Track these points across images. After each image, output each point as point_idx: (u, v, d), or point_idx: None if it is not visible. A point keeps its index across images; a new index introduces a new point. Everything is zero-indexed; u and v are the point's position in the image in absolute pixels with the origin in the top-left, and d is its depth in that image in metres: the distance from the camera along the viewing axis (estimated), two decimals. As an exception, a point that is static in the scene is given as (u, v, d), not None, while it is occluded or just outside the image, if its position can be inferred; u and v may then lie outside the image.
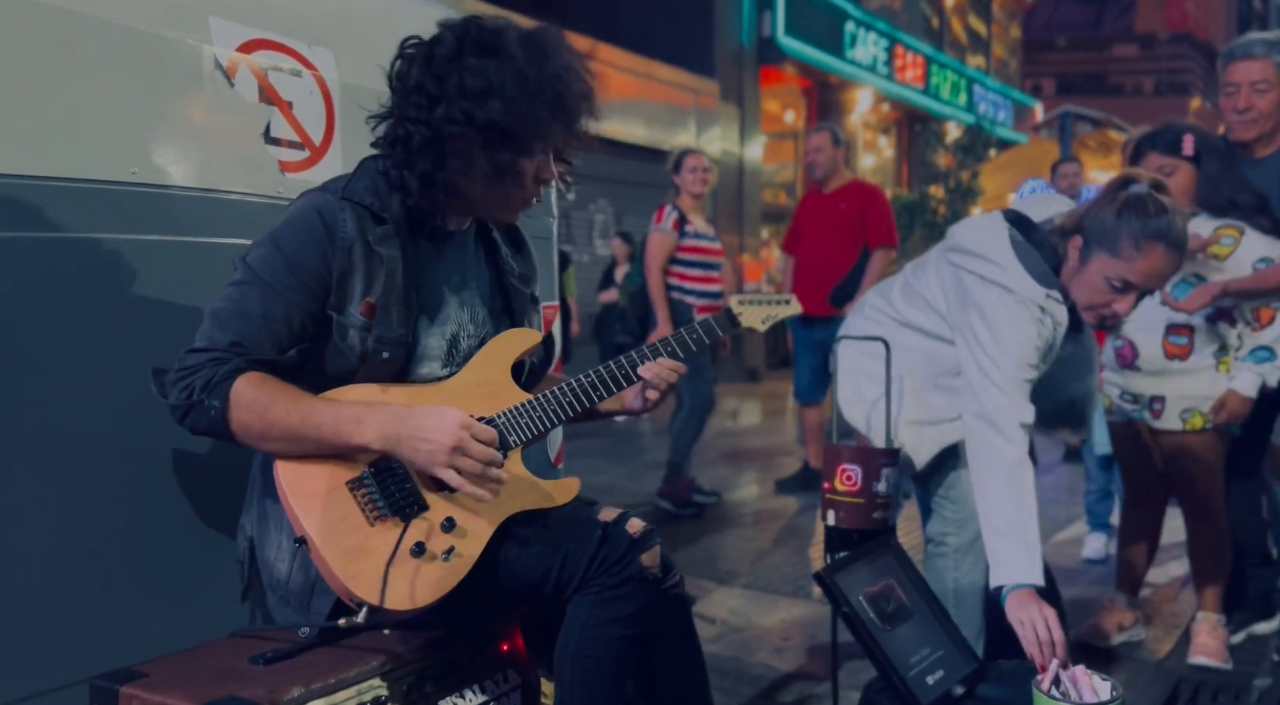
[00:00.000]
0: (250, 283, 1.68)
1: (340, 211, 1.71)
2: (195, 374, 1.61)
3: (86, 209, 1.85)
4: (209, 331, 1.65)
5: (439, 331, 1.82)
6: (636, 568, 1.71)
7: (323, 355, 1.74)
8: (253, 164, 2.12)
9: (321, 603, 1.71)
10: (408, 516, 1.66)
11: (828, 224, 5.48)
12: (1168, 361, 3.08)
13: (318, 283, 1.69)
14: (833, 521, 2.42)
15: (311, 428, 1.61)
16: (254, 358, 1.64)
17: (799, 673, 3.09)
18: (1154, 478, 3.30)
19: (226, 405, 1.59)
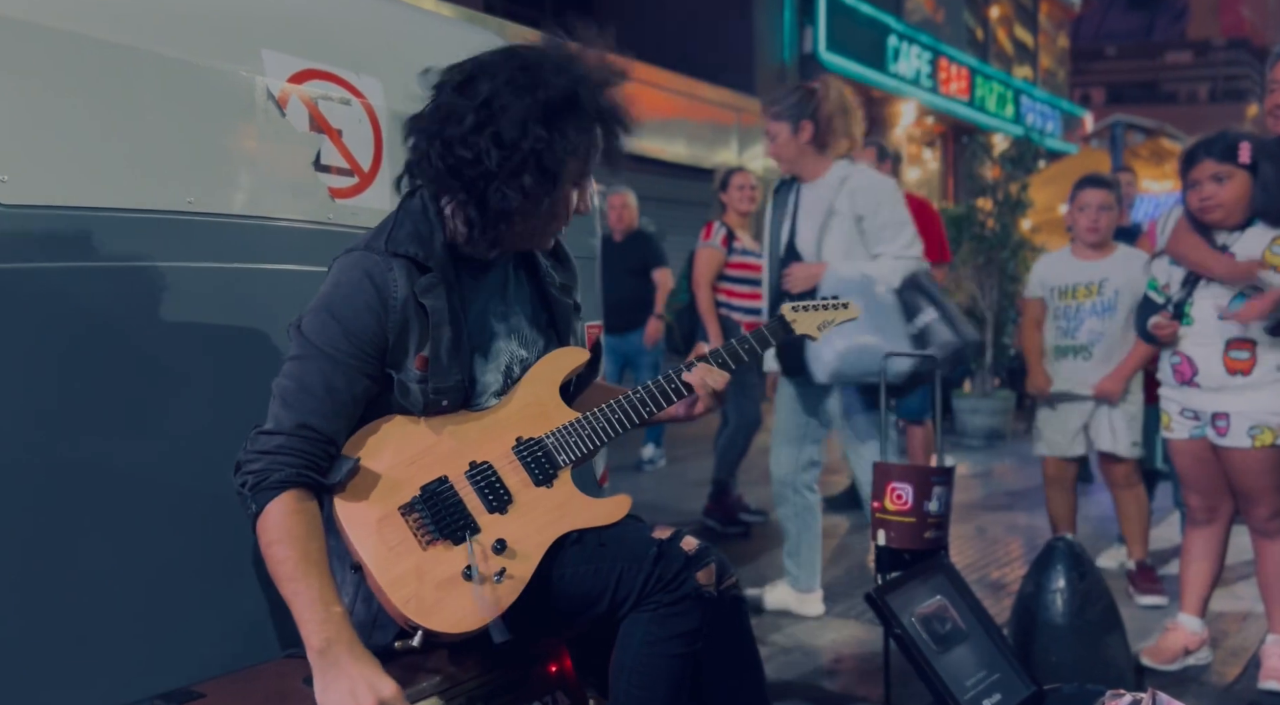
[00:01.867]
0: (309, 357, 1.68)
1: (389, 271, 1.72)
2: (256, 461, 1.62)
3: (146, 238, 1.90)
4: (276, 412, 1.67)
5: (493, 366, 1.84)
6: (692, 585, 1.71)
7: (383, 406, 1.76)
8: (304, 191, 2.16)
9: (382, 636, 1.72)
10: (460, 539, 1.68)
11: None
12: (1229, 377, 3.01)
13: (375, 347, 1.71)
14: (883, 541, 2.40)
15: (289, 590, 1.58)
16: (314, 462, 1.64)
17: (851, 695, 3.05)
18: (1219, 495, 3.21)
19: (258, 514, 1.61)
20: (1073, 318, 4.01)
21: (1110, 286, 3.94)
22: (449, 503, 1.70)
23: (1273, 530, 3.10)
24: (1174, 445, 3.26)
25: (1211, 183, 3.03)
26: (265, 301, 2.08)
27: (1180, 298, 3.17)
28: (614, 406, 1.85)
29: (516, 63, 1.71)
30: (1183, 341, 3.15)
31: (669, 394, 1.89)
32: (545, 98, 1.67)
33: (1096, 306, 3.96)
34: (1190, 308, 3.13)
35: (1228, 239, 3.07)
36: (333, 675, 1.52)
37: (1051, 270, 4.13)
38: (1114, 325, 3.95)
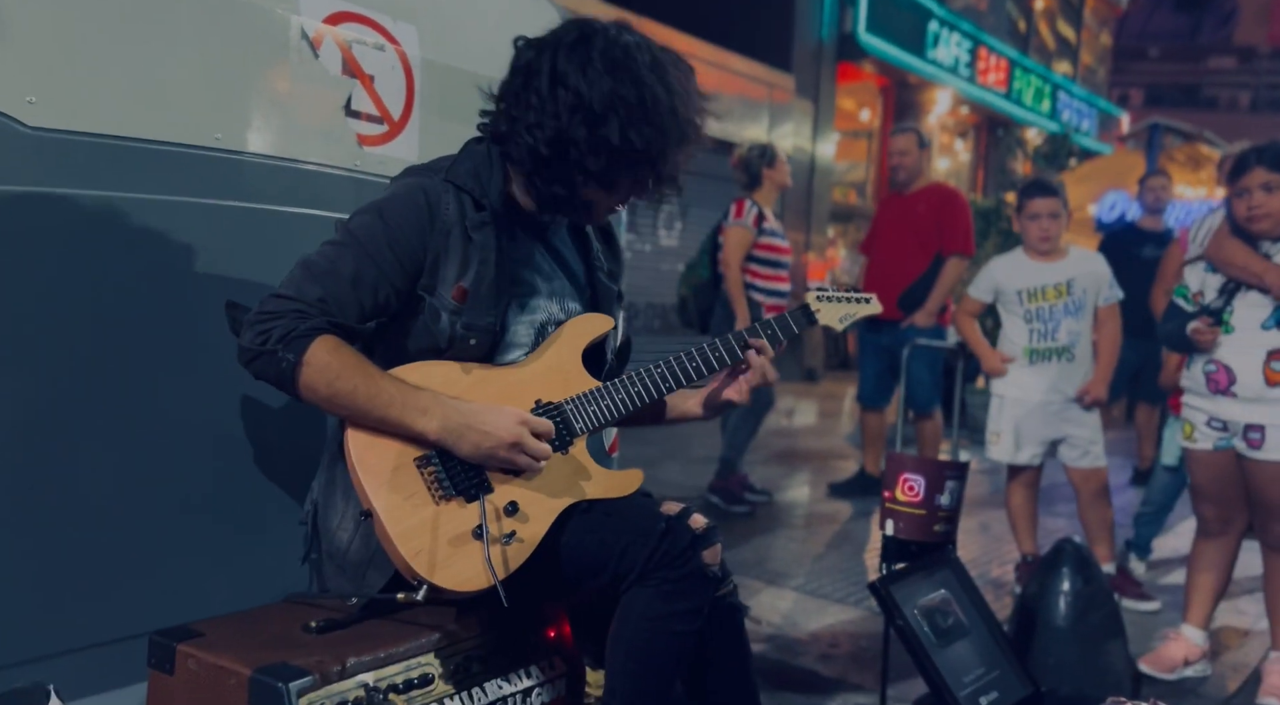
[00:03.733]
0: (348, 245, 1.69)
1: (444, 195, 1.74)
2: (275, 321, 1.62)
3: (170, 171, 1.88)
4: (299, 281, 1.66)
5: (528, 320, 1.83)
6: (697, 563, 1.69)
7: (407, 331, 1.75)
8: (332, 136, 2.13)
9: (376, 577, 1.72)
10: (472, 497, 1.66)
11: (904, 227, 5.35)
12: (1269, 388, 2.95)
13: (413, 261, 1.71)
14: (891, 531, 2.37)
15: (377, 407, 1.62)
16: (335, 320, 1.65)
17: (845, 681, 3.03)
18: (1236, 508, 3.16)
19: (300, 363, 1.60)
20: (1048, 319, 3.93)
21: (1079, 286, 3.90)
22: (464, 461, 1.68)
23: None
24: (1195, 455, 3.21)
25: (1261, 191, 2.96)
26: (286, 245, 2.05)
27: (1218, 305, 3.10)
28: (634, 377, 1.83)
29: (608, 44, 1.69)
30: (1220, 349, 3.08)
31: (690, 372, 1.85)
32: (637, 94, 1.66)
33: (1069, 306, 3.91)
34: (1230, 316, 3.06)
35: (1271, 249, 3.01)
36: (466, 440, 1.63)
37: (1011, 274, 4.02)
38: (1084, 325, 3.92)
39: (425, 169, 1.79)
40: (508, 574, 1.64)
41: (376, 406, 1.62)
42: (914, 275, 5.25)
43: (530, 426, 1.66)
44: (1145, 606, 3.93)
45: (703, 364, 1.87)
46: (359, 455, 1.65)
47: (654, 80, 1.67)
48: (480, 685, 1.70)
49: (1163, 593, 4.21)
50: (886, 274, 5.33)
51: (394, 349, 1.75)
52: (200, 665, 1.50)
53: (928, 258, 5.26)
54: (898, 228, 5.39)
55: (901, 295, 5.22)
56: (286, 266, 2.05)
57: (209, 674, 1.49)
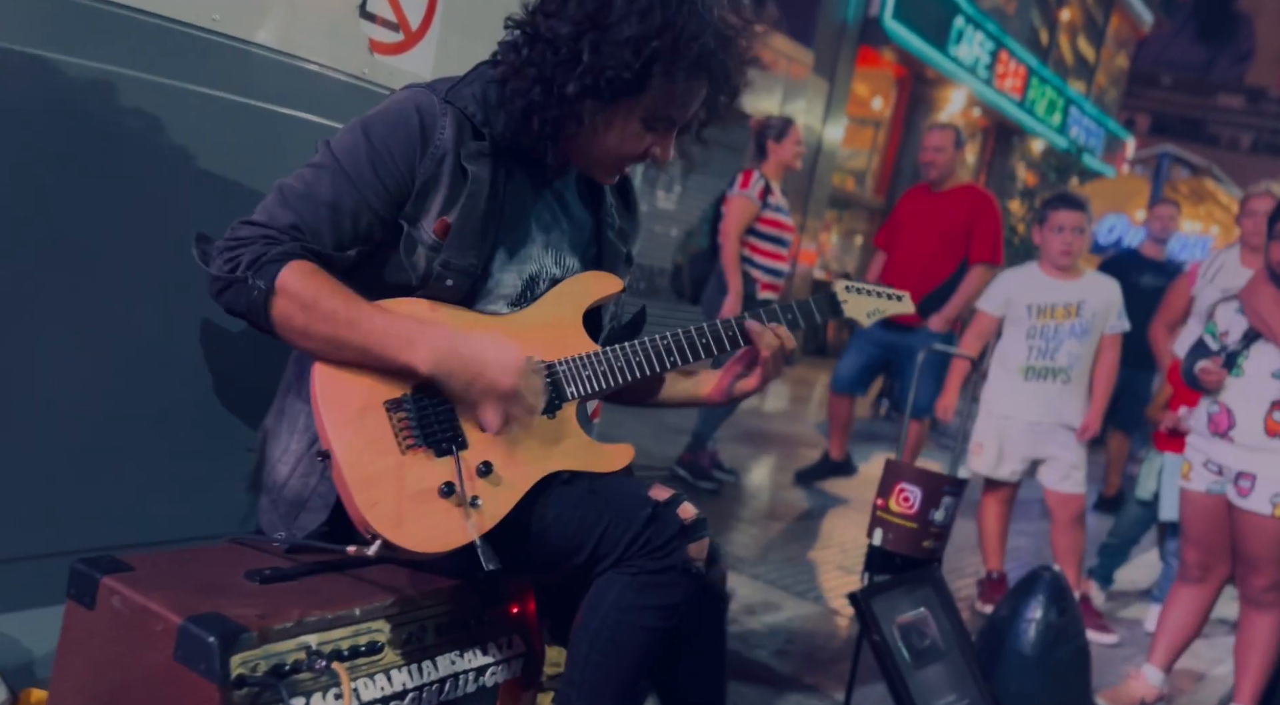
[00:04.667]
0: (327, 167, 1.52)
1: (441, 116, 1.55)
2: (245, 247, 1.45)
3: (158, 48, 1.69)
4: (271, 207, 1.50)
5: (516, 269, 1.66)
6: (681, 556, 1.54)
7: (383, 263, 1.58)
8: (342, 37, 1.94)
9: (310, 519, 1.58)
10: (444, 451, 1.50)
11: (932, 228, 5.12)
12: (1268, 439, 2.85)
13: (397, 186, 1.54)
14: (879, 541, 2.25)
15: (358, 335, 1.45)
16: (309, 246, 1.48)
17: (800, 681, 2.93)
18: (1219, 556, 3.08)
19: (271, 290, 1.43)
20: (1051, 338, 3.83)
21: (1088, 309, 3.80)
22: (440, 409, 1.52)
23: (1266, 602, 2.98)
24: (1188, 496, 3.12)
25: None
26: (275, 148, 1.88)
27: (1236, 348, 3.00)
28: (637, 347, 1.66)
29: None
30: (1226, 392, 2.98)
31: (696, 348, 1.69)
32: (663, 19, 1.48)
33: (1075, 328, 3.80)
34: (1244, 360, 2.96)
35: None
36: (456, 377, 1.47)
37: (1027, 290, 3.90)
38: (1088, 349, 3.82)
39: (425, 86, 1.60)
40: (468, 541, 1.48)
41: (357, 334, 1.45)
42: (939, 279, 5.04)
43: (531, 369, 1.51)
44: (1104, 639, 3.87)
45: (713, 342, 1.71)
46: (323, 389, 1.48)
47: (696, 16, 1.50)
48: (431, 658, 1.55)
49: (1120, 625, 4.16)
50: (908, 273, 5.08)
51: (366, 281, 1.56)
52: (125, 604, 1.34)
53: (954, 262, 5.06)
54: (925, 227, 5.16)
55: (924, 299, 4.96)
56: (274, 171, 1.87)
57: (133, 615, 1.33)
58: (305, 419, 1.60)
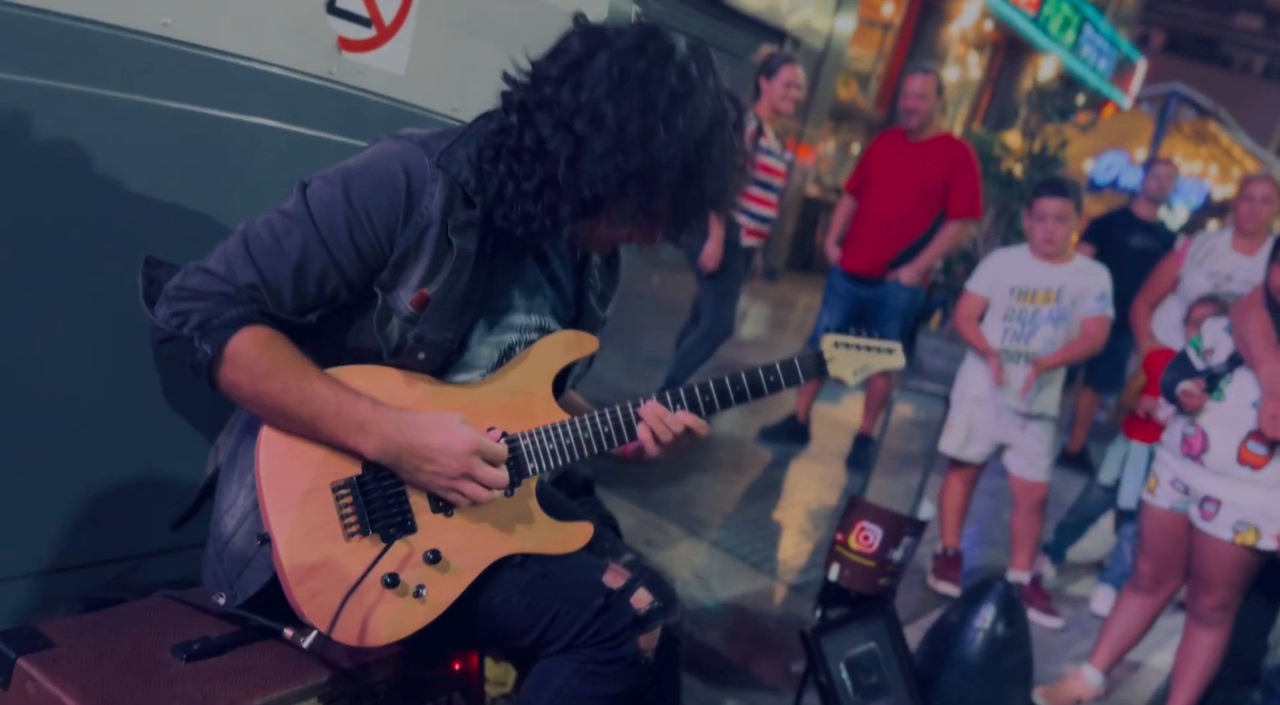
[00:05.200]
0: (299, 221, 1.41)
1: (431, 182, 1.43)
2: (196, 303, 1.36)
3: (104, 59, 1.54)
4: (232, 257, 1.39)
5: (494, 341, 1.56)
6: (631, 649, 1.51)
7: (348, 323, 1.49)
8: (307, 36, 1.78)
9: (252, 579, 1.49)
10: (390, 537, 1.44)
11: (908, 179, 4.91)
12: (1238, 466, 2.84)
13: (374, 253, 1.43)
14: (835, 577, 2.23)
15: (307, 413, 1.39)
16: (266, 310, 1.39)
17: (746, 670, 2.96)
18: (1172, 571, 3.12)
19: (219, 357, 1.35)
20: (1028, 322, 3.79)
21: (1067, 295, 3.75)
22: (391, 492, 1.45)
23: (1213, 621, 3.02)
24: (1150, 510, 3.12)
25: None
26: (235, 159, 1.75)
27: (1220, 371, 2.95)
28: (608, 418, 1.57)
29: (649, 67, 1.38)
30: (1204, 415, 2.94)
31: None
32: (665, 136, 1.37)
33: (1053, 313, 3.76)
34: (1226, 384, 2.91)
35: None
36: (404, 464, 1.42)
37: (1010, 269, 3.85)
38: (1064, 335, 3.78)
39: (419, 144, 1.46)
40: (410, 634, 1.43)
41: (307, 413, 1.38)
42: (914, 235, 4.88)
43: (484, 454, 1.44)
44: (1049, 622, 3.94)
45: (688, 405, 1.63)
46: (269, 469, 1.41)
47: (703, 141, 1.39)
48: (367, 728, 1.52)
49: (1066, 603, 4.24)
50: (882, 227, 4.95)
51: (328, 341, 1.48)
52: (39, 692, 1.29)
53: (931, 217, 4.88)
54: (902, 178, 4.95)
55: (898, 256, 4.89)
56: (232, 182, 1.76)
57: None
58: (254, 473, 1.52)
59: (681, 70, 1.38)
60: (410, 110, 1.98)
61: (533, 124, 1.39)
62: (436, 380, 1.52)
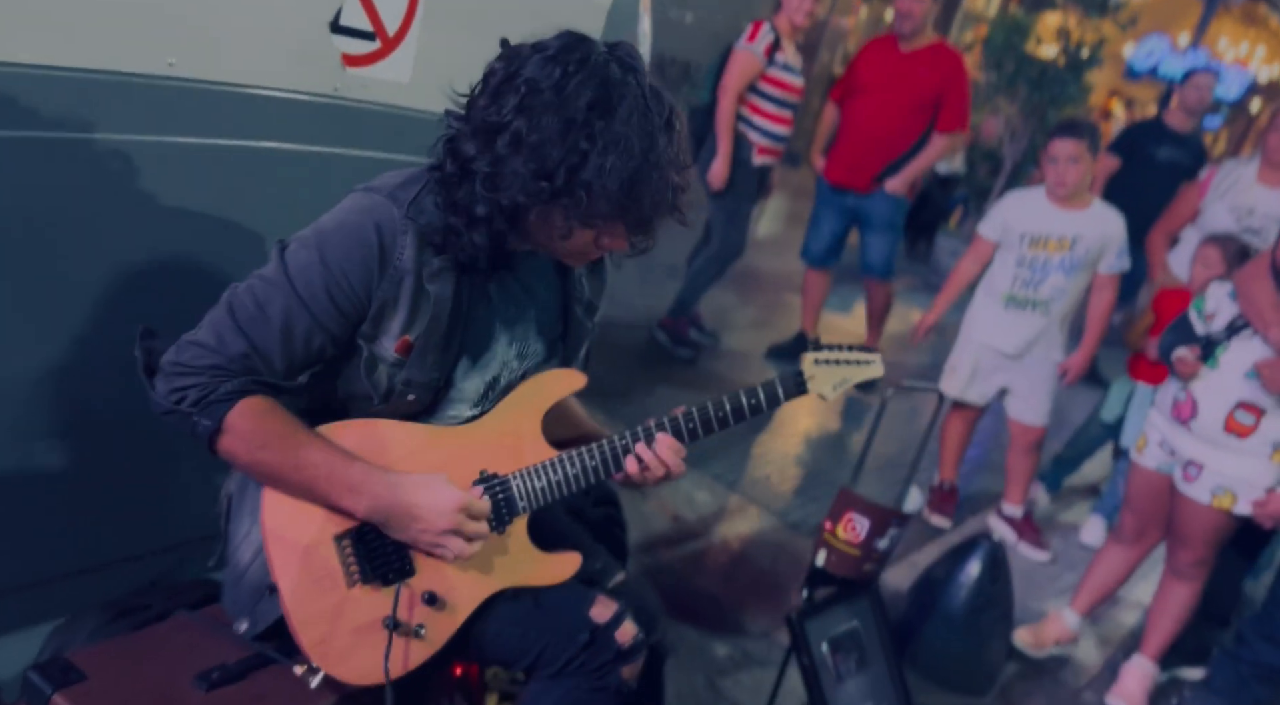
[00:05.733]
0: (280, 288, 1.45)
1: (402, 234, 1.46)
2: (192, 379, 1.42)
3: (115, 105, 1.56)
4: (221, 330, 1.44)
5: (479, 375, 1.62)
6: (614, 680, 1.63)
7: (337, 373, 1.55)
8: (311, 57, 1.77)
9: (268, 610, 1.58)
10: (390, 581, 1.54)
11: (898, 89, 4.74)
12: (1224, 435, 2.90)
13: (355, 308, 1.48)
14: (821, 563, 2.33)
15: (303, 480, 1.47)
16: (260, 378, 1.45)
17: (739, 617, 3.12)
18: (1154, 525, 3.22)
19: (219, 430, 1.42)
20: (1039, 269, 3.76)
21: (1083, 244, 3.70)
22: (390, 539, 1.54)
23: (1188, 575, 3.14)
24: (1137, 469, 3.21)
25: None
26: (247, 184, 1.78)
27: (1218, 338, 2.97)
28: (594, 453, 1.63)
29: (596, 82, 1.37)
30: (1196, 382, 2.99)
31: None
32: (612, 143, 1.37)
33: (1065, 262, 3.72)
34: (1222, 351, 2.94)
35: None
36: (394, 522, 1.49)
37: (1023, 215, 3.79)
38: (1076, 285, 3.76)
39: (387, 196, 1.48)
40: (407, 671, 1.55)
41: (302, 479, 1.47)
42: (902, 148, 4.77)
43: (468, 511, 1.51)
44: (1037, 555, 4.08)
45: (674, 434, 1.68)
46: (274, 524, 1.50)
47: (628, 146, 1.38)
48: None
49: (1056, 531, 4.38)
50: (869, 139, 4.83)
51: (321, 392, 1.55)
52: (75, 728, 1.42)
53: (919, 130, 4.75)
54: (891, 88, 4.77)
55: (885, 168, 4.80)
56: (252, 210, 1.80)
57: (83, 743, 1.41)
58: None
59: (600, 76, 1.37)
60: (417, 116, 1.98)
61: (459, 152, 1.42)
62: (428, 426, 1.58)
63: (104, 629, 1.71)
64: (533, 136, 1.36)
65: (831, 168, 4.98)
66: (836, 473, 4.32)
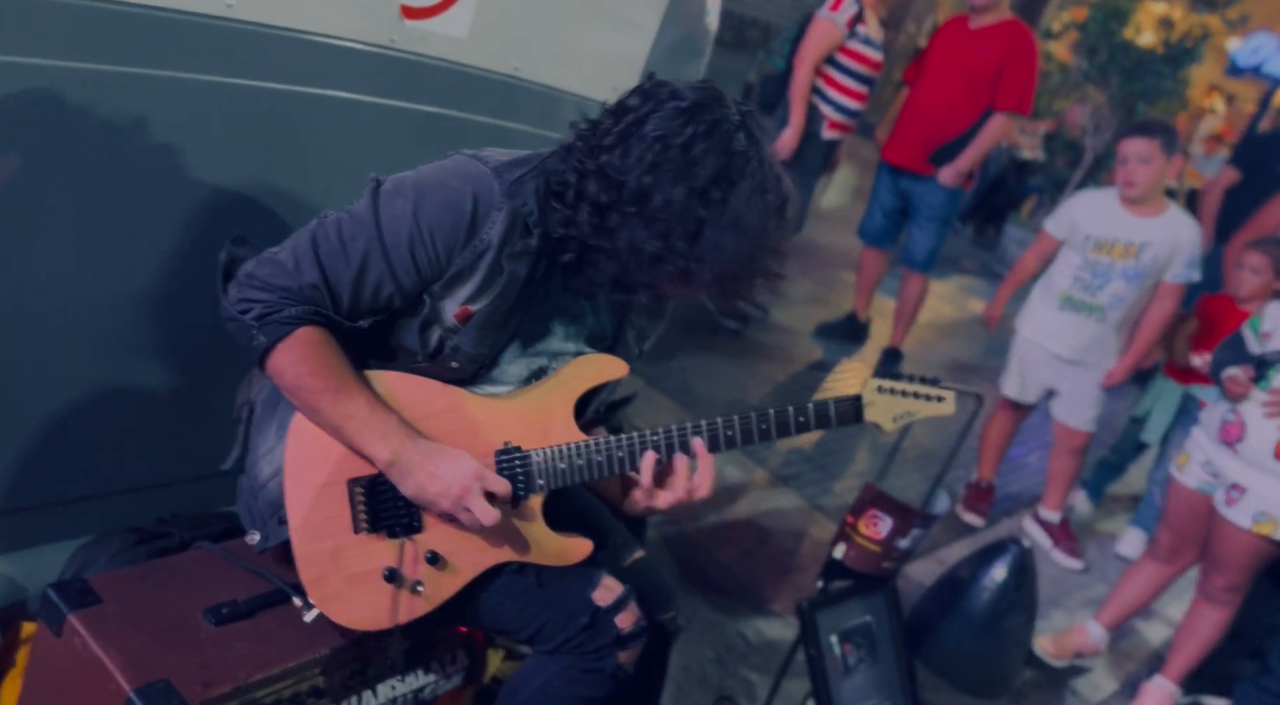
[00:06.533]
0: (366, 229, 1.47)
1: (496, 210, 1.48)
2: (262, 293, 1.46)
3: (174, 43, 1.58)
4: (300, 256, 1.46)
5: (526, 361, 1.62)
6: (610, 663, 1.64)
7: (393, 322, 1.56)
8: (368, 7, 1.76)
9: (280, 530, 1.60)
10: (396, 534, 1.56)
11: (958, 67, 4.58)
12: (1273, 460, 2.81)
13: (430, 269, 1.50)
14: (840, 556, 2.31)
15: (337, 415, 1.49)
16: (323, 311, 1.48)
17: (758, 593, 3.12)
18: (1191, 546, 3.15)
19: (273, 347, 1.46)
20: (1101, 275, 3.64)
21: (1149, 253, 3.56)
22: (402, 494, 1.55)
23: (1220, 600, 3.07)
24: (1176, 487, 3.12)
25: None
26: (302, 131, 1.80)
27: (1273, 359, 2.87)
28: (621, 443, 1.61)
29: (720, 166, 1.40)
30: (1246, 403, 2.90)
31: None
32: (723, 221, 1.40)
33: (1129, 270, 3.59)
34: (1275, 373, 2.84)
35: None
36: (413, 479, 1.49)
37: (1093, 218, 3.65)
38: (1137, 293, 3.64)
39: (493, 170, 1.49)
40: (397, 624, 1.57)
41: (336, 415, 1.48)
42: (957, 129, 4.60)
43: (485, 485, 1.52)
44: (1070, 563, 4.02)
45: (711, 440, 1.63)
46: (294, 456, 1.53)
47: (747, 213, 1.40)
48: (372, 688, 1.69)
49: (1093, 540, 4.31)
50: (925, 117, 4.68)
51: (370, 336, 1.56)
52: (85, 648, 1.46)
53: (978, 110, 4.56)
54: (953, 67, 4.61)
55: (938, 151, 4.64)
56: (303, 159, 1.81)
57: (91, 665, 1.45)
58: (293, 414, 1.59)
59: (726, 146, 1.39)
60: (473, 72, 1.96)
61: (586, 191, 1.44)
62: (462, 390, 1.58)
63: (126, 553, 1.76)
64: (656, 199, 1.39)
65: (889, 148, 4.89)
66: (872, 458, 4.28)
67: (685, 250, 1.39)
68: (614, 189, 1.41)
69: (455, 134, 1.98)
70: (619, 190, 1.40)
